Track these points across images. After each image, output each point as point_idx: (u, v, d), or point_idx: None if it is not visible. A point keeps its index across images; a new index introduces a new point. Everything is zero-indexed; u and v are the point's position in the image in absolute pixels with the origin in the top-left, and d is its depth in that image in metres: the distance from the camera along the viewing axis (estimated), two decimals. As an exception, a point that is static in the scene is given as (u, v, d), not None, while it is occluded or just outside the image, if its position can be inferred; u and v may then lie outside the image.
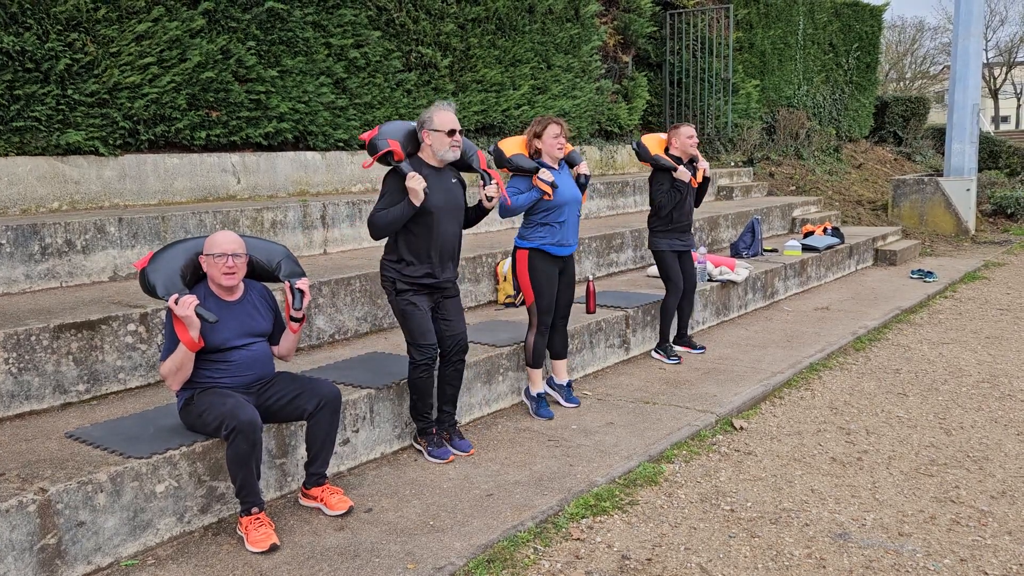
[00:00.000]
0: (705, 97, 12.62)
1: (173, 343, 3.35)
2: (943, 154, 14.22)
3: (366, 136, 4.01)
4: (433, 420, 4.25)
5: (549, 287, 4.73)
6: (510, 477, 3.96)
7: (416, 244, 4.04)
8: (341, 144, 7.47)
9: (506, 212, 4.58)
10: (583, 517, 3.61)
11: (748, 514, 3.68)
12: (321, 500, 3.60)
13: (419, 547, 3.29)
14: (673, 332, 6.16)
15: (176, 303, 3.25)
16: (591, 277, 5.98)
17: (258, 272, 3.64)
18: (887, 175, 15.54)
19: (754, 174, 12.69)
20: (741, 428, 4.76)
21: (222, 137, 6.58)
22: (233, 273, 3.44)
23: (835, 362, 6.12)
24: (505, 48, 9.02)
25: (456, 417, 4.36)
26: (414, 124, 4.11)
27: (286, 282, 3.61)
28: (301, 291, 3.58)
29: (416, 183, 3.84)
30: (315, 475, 3.62)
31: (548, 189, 4.57)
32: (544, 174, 4.57)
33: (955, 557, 3.30)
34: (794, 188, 12.82)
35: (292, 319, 3.63)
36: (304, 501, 3.66)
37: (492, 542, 3.34)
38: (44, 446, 3.41)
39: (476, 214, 4.30)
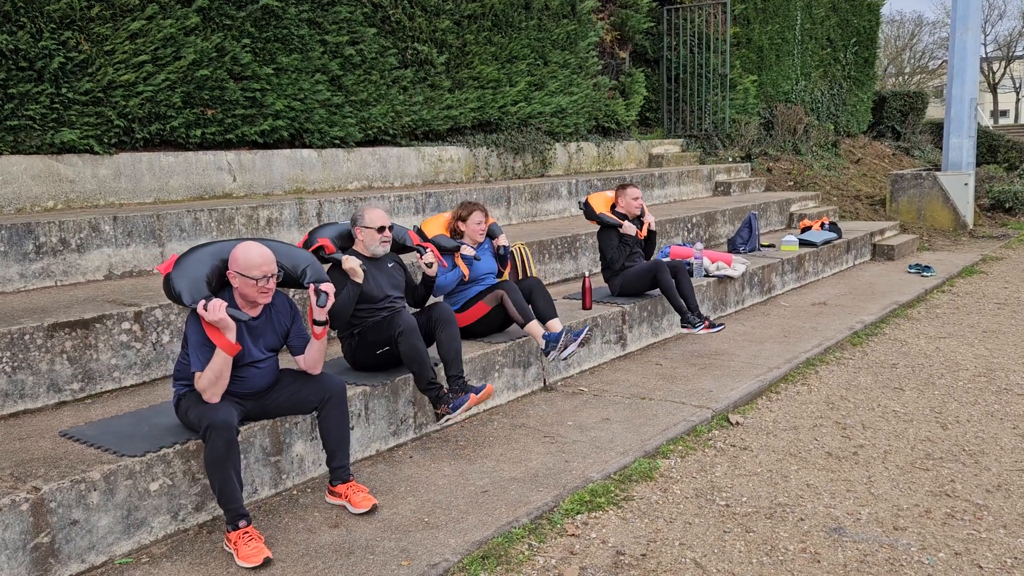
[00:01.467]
0: (703, 93, 12.61)
1: (206, 352, 3.27)
2: (941, 149, 14.21)
3: (300, 243, 4.31)
4: (443, 386, 4.21)
5: (477, 291, 4.99)
6: (505, 473, 3.96)
7: (363, 315, 4.31)
8: (337, 142, 7.47)
9: (438, 290, 4.92)
10: (578, 513, 3.61)
11: (743, 509, 3.68)
12: (346, 498, 3.58)
13: (414, 544, 3.29)
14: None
15: (206, 309, 3.19)
16: (587, 273, 5.97)
17: (283, 279, 3.60)
18: (885, 170, 15.53)
19: (752, 169, 12.68)
20: (737, 423, 4.76)
21: (217, 135, 6.57)
22: (269, 291, 3.41)
23: (832, 357, 6.12)
24: (501, 45, 9.01)
25: (463, 374, 4.30)
26: (348, 224, 4.45)
27: (310, 285, 3.56)
28: (325, 292, 3.53)
29: (352, 262, 4.13)
30: (338, 469, 3.60)
31: (466, 270, 4.93)
32: (466, 250, 4.93)
33: (950, 551, 3.30)
34: (792, 183, 12.81)
35: (316, 323, 3.55)
36: (330, 499, 3.64)
37: (487, 538, 3.34)
38: (38, 445, 3.41)
39: (424, 289, 4.65)
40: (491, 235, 5.19)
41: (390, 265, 4.48)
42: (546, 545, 3.35)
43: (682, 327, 6.09)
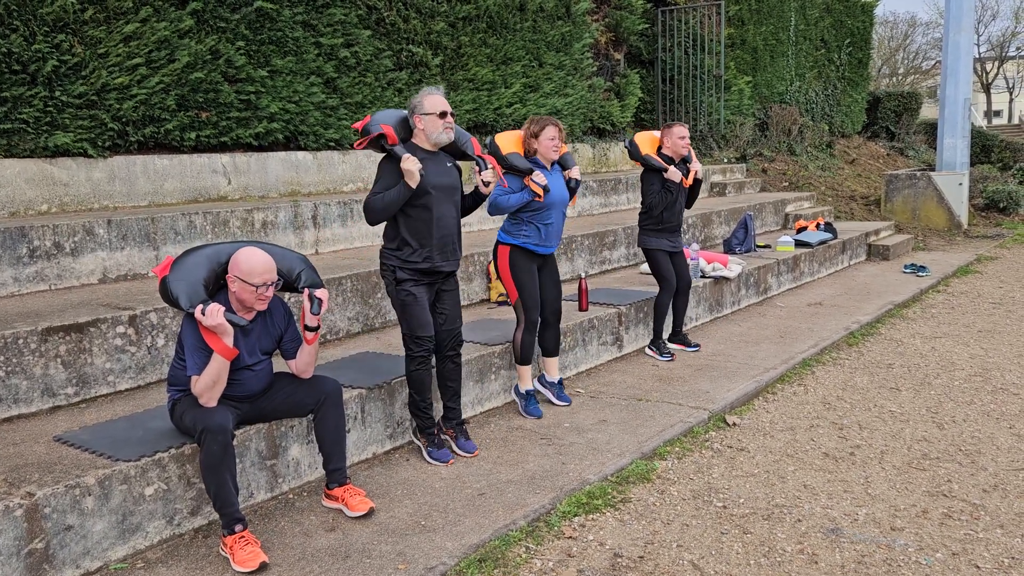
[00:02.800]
0: (697, 94, 12.62)
1: (203, 356, 3.24)
2: (935, 149, 14.25)
3: (359, 124, 3.99)
4: (434, 417, 4.23)
5: (531, 282, 4.72)
6: (502, 476, 3.95)
7: (416, 227, 4.00)
8: (332, 144, 7.45)
9: (495, 210, 4.58)
10: (575, 515, 3.60)
11: (741, 510, 3.67)
12: (342, 501, 3.56)
13: (410, 547, 3.27)
14: (668, 331, 6.16)
15: (204, 314, 3.17)
16: (583, 275, 5.96)
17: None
18: (880, 170, 15.56)
19: (747, 170, 12.69)
20: (734, 424, 4.76)
21: (212, 138, 6.55)
22: (267, 299, 3.37)
23: (828, 357, 6.12)
24: (496, 46, 9.00)
25: (462, 415, 4.31)
26: (406, 112, 4.09)
27: (304, 290, 3.53)
28: (319, 299, 3.49)
29: (411, 164, 3.82)
30: (335, 472, 3.59)
31: (540, 192, 4.54)
32: (538, 176, 4.53)
33: (947, 551, 3.30)
34: (787, 184, 12.83)
35: (307, 328, 3.52)
36: (326, 503, 3.63)
37: (484, 541, 3.33)
38: (32, 450, 3.39)
39: (472, 201, 4.26)
40: (563, 164, 4.80)
41: (448, 164, 4.11)
42: (543, 548, 3.34)
43: (648, 348, 6.00)
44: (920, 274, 9.26)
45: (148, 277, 5.33)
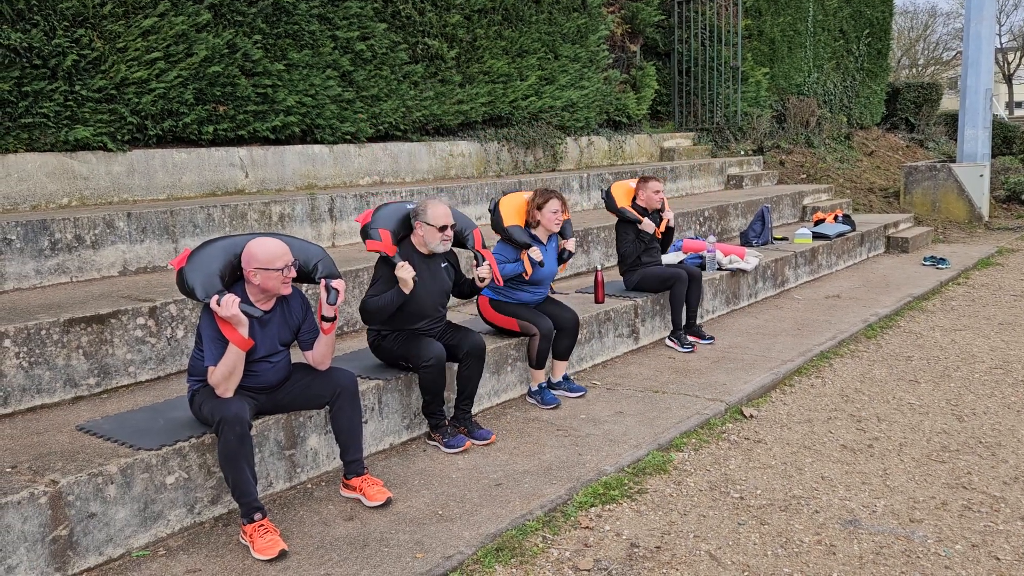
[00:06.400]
0: (714, 86, 12.55)
1: (220, 347, 3.26)
2: (956, 140, 14.08)
3: (360, 219, 4.14)
4: (446, 416, 4.26)
5: (526, 310, 4.81)
6: (519, 467, 3.96)
7: (400, 323, 4.19)
8: (348, 137, 7.48)
9: None
10: (592, 506, 3.61)
11: (758, 501, 3.67)
12: (360, 491, 3.59)
13: (428, 536, 3.29)
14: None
15: (219, 304, 3.19)
16: (599, 267, 5.96)
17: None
18: (899, 162, 15.41)
19: (764, 162, 12.61)
20: (751, 416, 4.74)
21: (229, 131, 6.59)
22: (290, 279, 3.40)
23: (846, 350, 6.08)
24: (512, 39, 8.99)
25: (471, 412, 4.35)
26: (409, 207, 4.22)
27: (321, 280, 3.55)
28: (336, 289, 3.50)
29: (405, 272, 3.95)
30: (351, 463, 3.62)
31: (530, 269, 4.70)
32: (534, 253, 4.69)
33: (967, 543, 3.28)
34: (805, 176, 12.74)
35: (324, 318, 3.54)
36: (344, 492, 3.67)
37: (501, 531, 3.34)
38: (55, 439, 3.44)
39: (471, 289, 4.46)
40: (561, 234, 4.97)
41: (443, 265, 4.29)
42: (560, 538, 3.36)
43: (668, 339, 6.03)
44: (940, 266, 9.17)
45: (168, 269, 5.38)
